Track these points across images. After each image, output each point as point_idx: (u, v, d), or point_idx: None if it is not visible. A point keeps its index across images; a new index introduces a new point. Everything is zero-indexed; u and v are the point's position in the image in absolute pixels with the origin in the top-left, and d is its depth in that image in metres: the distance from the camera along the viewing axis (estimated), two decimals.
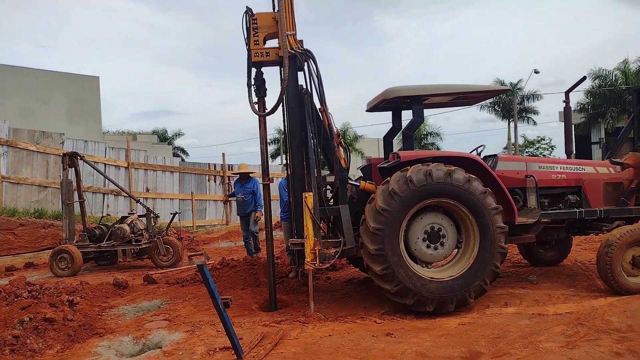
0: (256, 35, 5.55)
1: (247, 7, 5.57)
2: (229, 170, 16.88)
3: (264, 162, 5.87)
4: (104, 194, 13.73)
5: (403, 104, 6.32)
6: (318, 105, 5.65)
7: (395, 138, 6.99)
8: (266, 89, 5.76)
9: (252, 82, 5.67)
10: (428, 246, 5.23)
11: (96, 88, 24.21)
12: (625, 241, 5.38)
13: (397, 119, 6.72)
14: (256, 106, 5.67)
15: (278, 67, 5.64)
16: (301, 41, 5.59)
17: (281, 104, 5.71)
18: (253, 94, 5.66)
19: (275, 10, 5.51)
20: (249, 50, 5.57)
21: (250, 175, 9.05)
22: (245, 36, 5.60)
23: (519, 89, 34.76)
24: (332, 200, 5.93)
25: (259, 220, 8.77)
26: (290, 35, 5.51)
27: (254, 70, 5.65)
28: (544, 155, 39.61)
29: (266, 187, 5.83)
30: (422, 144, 39.04)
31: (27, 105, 20.17)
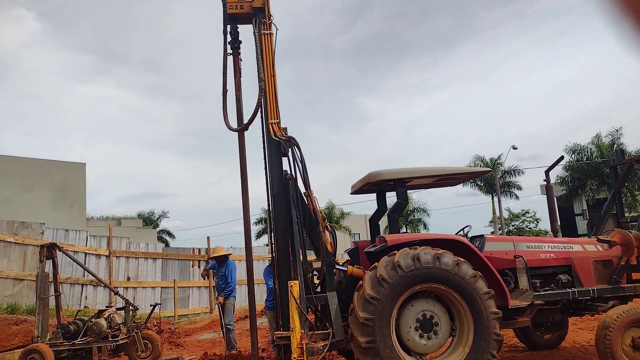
0: None
1: None
2: (212, 253, 16.51)
3: (244, 185, 5.86)
4: (82, 285, 13.18)
5: (386, 186, 6.35)
6: (303, 190, 5.63)
7: (381, 220, 6.95)
8: (241, 42, 6.03)
9: (229, 39, 5.89)
10: (421, 336, 4.98)
11: (82, 175, 24.21)
12: (623, 322, 5.21)
13: (381, 200, 6.71)
14: (230, 123, 5.78)
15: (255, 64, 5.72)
16: (285, 128, 5.69)
17: (266, 189, 5.70)
18: (228, 108, 5.79)
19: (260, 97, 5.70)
20: (224, 4, 5.72)
21: (227, 256, 8.98)
22: None
23: (499, 164, 35.72)
24: (319, 287, 5.72)
25: (219, 303, 8.51)
26: (275, 123, 5.62)
27: (229, 27, 5.87)
28: (529, 228, 39.88)
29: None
30: (409, 219, 39.16)
31: (8, 193, 19.97)
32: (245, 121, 5.74)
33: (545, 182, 6.58)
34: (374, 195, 6.83)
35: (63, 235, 12.94)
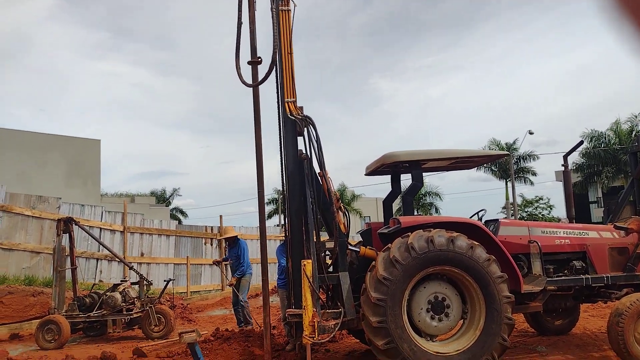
0: None
1: None
2: (223, 233, 16.67)
3: (258, 147, 5.61)
4: (97, 260, 13.43)
5: (402, 168, 6.31)
6: (317, 170, 5.62)
7: (395, 202, 6.93)
8: None
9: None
10: (432, 317, 5.00)
11: (97, 151, 24.45)
12: (636, 310, 5.17)
13: (396, 182, 6.68)
14: (244, 77, 5.38)
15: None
16: (301, 107, 5.66)
17: (280, 168, 5.70)
18: (241, 59, 5.37)
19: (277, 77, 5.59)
20: None
21: (238, 238, 9.01)
22: None
23: (514, 149, 35.29)
24: (331, 267, 5.76)
25: (232, 285, 8.56)
26: (291, 102, 5.58)
27: None
28: (543, 215, 39.55)
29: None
30: (421, 203, 39.03)
31: (24, 168, 20.25)
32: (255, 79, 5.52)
33: (563, 167, 6.48)
34: (386, 178, 6.80)
35: (79, 210, 13.15)
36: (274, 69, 5.37)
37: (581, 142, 6.71)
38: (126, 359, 6.77)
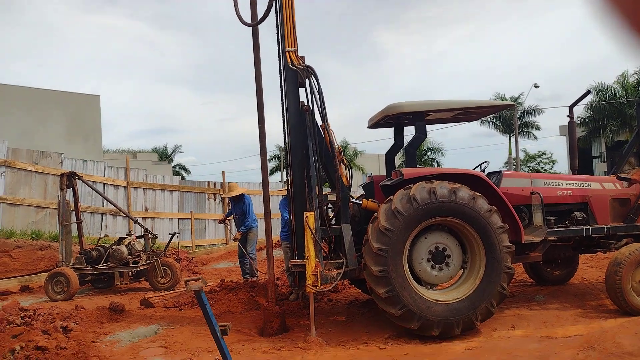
0: None
1: None
2: (227, 190, 16.75)
3: (259, 95, 5.57)
4: (102, 214, 13.58)
5: (405, 120, 6.24)
6: (320, 122, 5.56)
7: (397, 155, 6.90)
8: None
9: None
10: (433, 267, 5.08)
11: (96, 107, 24.20)
12: (635, 259, 5.23)
13: (399, 135, 6.62)
14: (243, 17, 5.38)
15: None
16: (302, 57, 5.53)
17: (282, 120, 5.64)
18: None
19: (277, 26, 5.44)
20: None
21: (243, 193, 9.03)
22: None
23: (519, 103, 34.84)
24: (333, 220, 5.80)
25: (237, 240, 8.63)
26: (292, 51, 5.45)
27: None
28: (545, 169, 39.51)
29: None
30: (423, 159, 38.95)
31: (25, 124, 20.12)
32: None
33: (568, 119, 6.40)
34: (389, 134, 6.74)
35: (81, 166, 13.16)
36: (274, 11, 5.22)
37: (588, 92, 6.58)
38: (134, 309, 6.97)
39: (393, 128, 6.68)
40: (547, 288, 6.85)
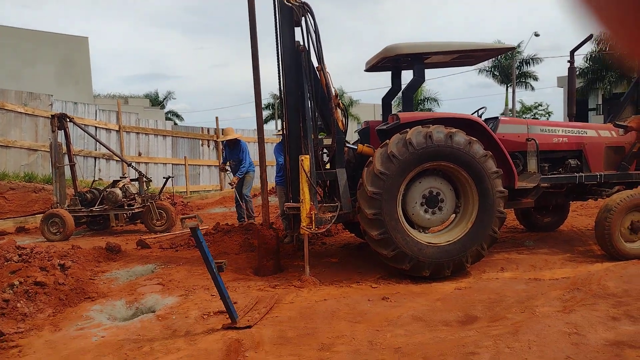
0: None
1: None
2: (222, 135, 16.60)
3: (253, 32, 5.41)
4: (95, 158, 13.50)
5: (404, 63, 6.10)
6: (315, 64, 5.43)
7: (394, 101, 6.81)
8: None
9: None
10: (426, 211, 5.14)
11: (85, 49, 23.53)
12: (625, 206, 5.30)
13: (396, 79, 6.50)
14: None
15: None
16: None
17: (277, 61, 5.50)
18: None
19: None
20: None
21: (239, 139, 8.94)
22: None
23: (518, 52, 34.22)
24: (328, 164, 5.79)
25: (234, 185, 8.59)
26: None
27: None
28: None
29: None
30: (419, 109, 38.62)
31: (11, 66, 19.58)
32: None
33: (568, 64, 6.29)
34: (385, 82, 6.61)
35: (72, 108, 12.95)
36: None
37: (590, 36, 6.42)
38: (130, 249, 7.07)
39: (391, 72, 6.54)
40: (537, 234, 7.00)
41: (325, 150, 5.74)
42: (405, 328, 3.67)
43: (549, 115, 41.35)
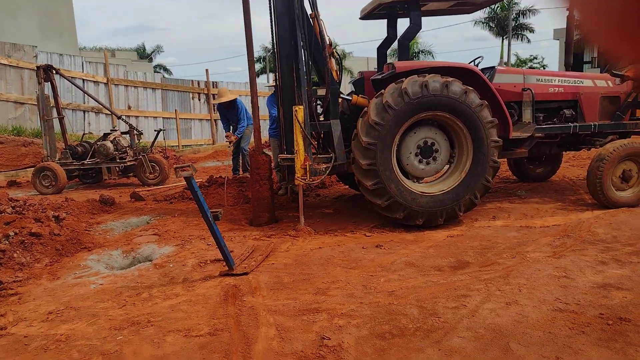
0: None
1: None
2: (213, 87, 16.31)
3: None
4: (84, 112, 13.26)
5: (400, 10, 5.93)
6: (309, 11, 5.26)
7: (389, 51, 6.66)
8: None
9: None
10: (420, 161, 5.14)
11: (68, 0, 22.59)
12: (618, 155, 5.34)
13: (392, 27, 6.34)
14: None
15: None
16: None
17: (269, 9, 5.32)
18: None
19: None
20: None
21: (234, 97, 8.54)
22: None
23: (515, 3, 33.45)
24: (322, 116, 5.72)
25: (231, 142, 8.28)
26: None
27: None
28: None
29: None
30: None
31: None
32: None
33: (567, 12, 6.13)
34: (380, 33, 6.44)
35: (57, 60, 12.59)
36: None
37: None
38: (124, 202, 7.06)
39: (386, 20, 6.37)
40: (529, 184, 7.08)
41: (319, 102, 5.66)
42: (399, 273, 3.75)
43: (544, 68, 40.96)
